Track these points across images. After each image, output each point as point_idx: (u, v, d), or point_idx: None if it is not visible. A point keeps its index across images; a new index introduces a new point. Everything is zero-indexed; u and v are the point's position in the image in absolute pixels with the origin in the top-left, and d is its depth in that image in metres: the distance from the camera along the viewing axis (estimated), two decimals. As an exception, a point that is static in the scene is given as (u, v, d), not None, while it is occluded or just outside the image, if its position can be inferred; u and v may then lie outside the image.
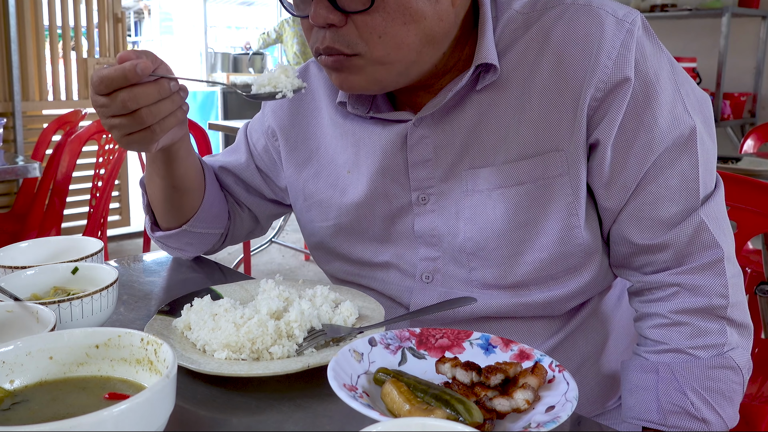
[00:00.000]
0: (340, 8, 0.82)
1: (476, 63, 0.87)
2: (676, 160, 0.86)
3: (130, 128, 0.82)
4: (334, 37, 0.84)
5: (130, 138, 0.84)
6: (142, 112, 0.81)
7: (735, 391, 0.87)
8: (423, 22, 0.83)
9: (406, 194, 0.95)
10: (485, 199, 0.90)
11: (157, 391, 0.52)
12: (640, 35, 0.85)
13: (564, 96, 0.86)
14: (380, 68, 0.86)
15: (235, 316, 0.82)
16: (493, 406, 0.63)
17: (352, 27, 0.83)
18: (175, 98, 0.83)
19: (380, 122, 0.96)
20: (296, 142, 1.06)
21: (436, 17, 0.84)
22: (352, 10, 0.82)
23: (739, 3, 4.79)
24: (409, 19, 0.82)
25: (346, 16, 0.83)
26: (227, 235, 1.19)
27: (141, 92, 0.80)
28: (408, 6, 0.82)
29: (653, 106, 0.84)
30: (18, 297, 0.80)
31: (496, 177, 0.89)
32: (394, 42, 0.83)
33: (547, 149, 0.87)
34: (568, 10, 0.87)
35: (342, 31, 0.84)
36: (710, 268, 0.87)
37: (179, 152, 0.98)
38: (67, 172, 2.73)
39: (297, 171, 1.06)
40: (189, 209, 1.06)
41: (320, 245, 1.06)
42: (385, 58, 0.85)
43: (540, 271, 0.91)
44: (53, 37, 4.19)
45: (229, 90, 6.84)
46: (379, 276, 1.01)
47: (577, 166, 0.87)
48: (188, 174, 1.02)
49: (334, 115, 1.02)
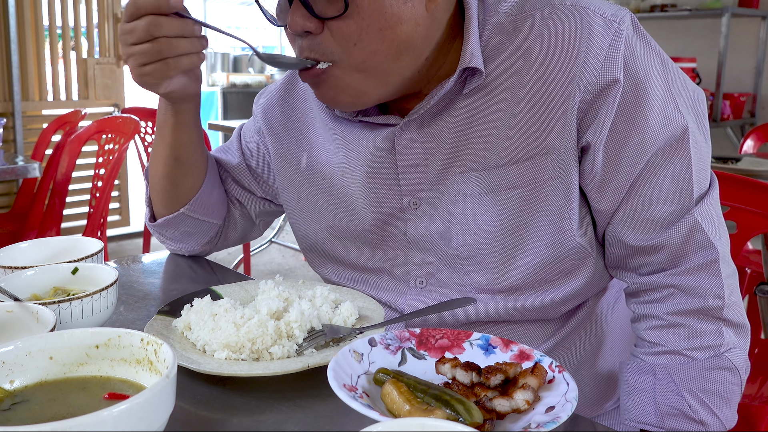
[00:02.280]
0: (316, 15, 0.82)
1: (461, 67, 0.86)
2: (668, 160, 0.85)
3: (147, 58, 0.86)
4: (311, 44, 0.85)
5: (144, 69, 0.87)
6: (162, 41, 0.85)
7: (732, 392, 0.87)
8: (399, 28, 0.83)
9: (398, 199, 0.95)
10: (477, 204, 0.89)
11: (157, 392, 0.52)
12: (629, 34, 0.84)
13: (553, 99, 0.85)
14: (358, 77, 0.86)
15: (235, 317, 0.82)
16: (493, 406, 0.63)
17: (328, 34, 0.83)
18: (195, 42, 0.87)
19: (369, 126, 0.96)
20: (289, 145, 1.06)
21: (412, 22, 0.83)
22: (327, 16, 0.82)
23: (739, 3, 4.78)
24: (385, 25, 0.82)
25: (323, 24, 0.83)
26: (221, 234, 1.19)
27: (166, 22, 0.84)
28: (383, 11, 0.81)
29: (644, 106, 0.83)
30: (18, 297, 0.80)
31: (487, 181, 0.88)
32: (371, 48, 0.83)
33: (538, 153, 0.86)
34: (555, 11, 0.86)
35: (318, 39, 0.84)
36: (705, 269, 0.86)
37: (186, 115, 1.00)
38: (66, 172, 2.73)
39: (290, 173, 1.05)
40: (189, 189, 1.07)
41: (313, 248, 1.06)
42: (362, 65, 0.84)
43: (534, 275, 0.90)
44: (53, 37, 4.19)
45: (246, 53, 7.02)
46: (373, 281, 1.01)
47: (569, 170, 0.86)
48: (191, 146, 1.03)
49: (325, 118, 1.02)
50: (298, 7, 0.83)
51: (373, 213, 0.96)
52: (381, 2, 0.81)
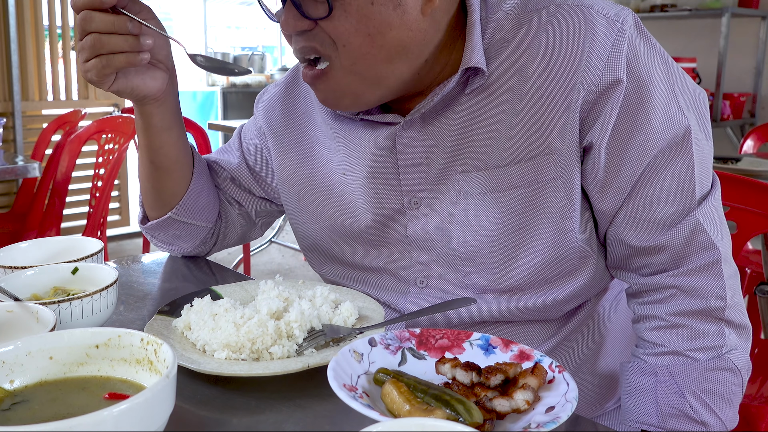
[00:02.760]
0: (306, 15, 0.82)
1: (463, 67, 0.86)
2: (670, 161, 0.85)
3: (85, 53, 0.86)
4: (308, 37, 0.85)
5: (85, 65, 0.86)
6: (94, 37, 0.84)
7: (734, 393, 0.87)
8: (389, 33, 0.82)
9: (398, 198, 0.95)
10: (478, 204, 0.89)
11: (157, 391, 0.52)
12: (632, 35, 0.84)
13: (556, 98, 0.85)
14: (352, 79, 0.86)
15: (235, 316, 0.82)
16: (493, 406, 0.63)
17: (321, 30, 0.84)
18: (131, 40, 0.85)
19: (370, 124, 0.96)
20: (289, 144, 1.06)
21: (404, 27, 0.83)
22: (315, 17, 0.82)
23: (739, 3, 4.79)
24: (374, 30, 0.82)
25: (315, 23, 0.83)
26: (219, 235, 1.18)
27: (97, 17, 0.83)
28: (371, 17, 0.81)
29: (647, 107, 0.83)
30: (18, 297, 0.80)
31: (489, 181, 0.88)
32: (359, 52, 0.83)
33: (540, 152, 0.86)
34: (558, 10, 0.86)
35: (314, 32, 0.84)
36: (707, 269, 0.86)
37: (154, 118, 0.98)
38: (66, 172, 2.73)
39: (290, 172, 1.05)
40: (172, 194, 1.07)
41: (314, 247, 1.06)
42: (353, 68, 0.85)
43: (535, 275, 0.90)
44: (53, 37, 4.19)
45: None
46: (373, 280, 1.01)
47: (571, 170, 0.86)
48: (166, 149, 1.02)
49: (326, 117, 1.02)
50: (290, 7, 0.83)
51: (373, 212, 0.96)
52: (369, 8, 0.81)
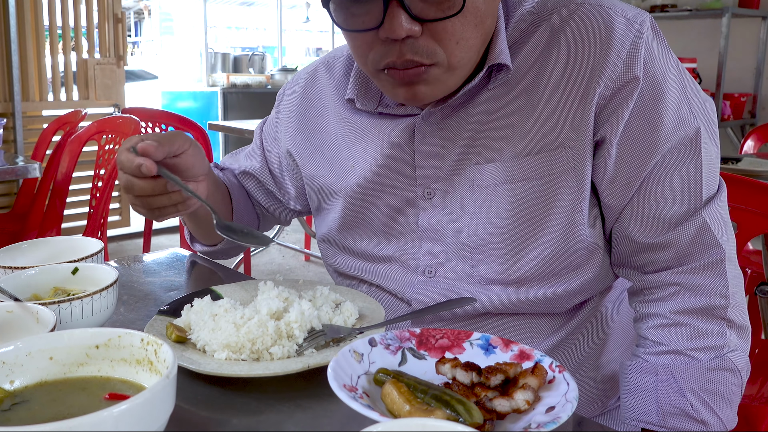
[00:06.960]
0: (418, 18, 0.79)
1: (489, 63, 0.87)
2: (680, 161, 0.86)
3: (138, 208, 0.92)
4: (412, 48, 0.81)
5: (137, 209, 0.92)
6: (141, 198, 0.89)
7: (734, 393, 0.87)
8: (486, 22, 0.84)
9: (412, 188, 0.96)
10: (490, 195, 0.90)
11: (157, 392, 0.52)
12: (649, 36, 0.86)
13: (572, 93, 0.86)
14: (451, 75, 0.85)
15: (235, 317, 0.82)
16: (493, 406, 0.63)
17: (428, 36, 0.81)
18: (174, 196, 0.89)
19: (388, 117, 0.97)
20: (303, 141, 1.07)
21: (491, 17, 0.85)
22: (435, 17, 0.79)
23: (739, 3, 4.79)
24: (479, 21, 0.83)
25: (422, 25, 0.81)
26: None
27: (137, 184, 0.87)
28: (478, 8, 0.82)
29: (659, 106, 0.85)
30: (18, 297, 0.80)
31: (502, 172, 0.89)
32: (468, 45, 0.83)
33: (554, 146, 0.87)
34: (578, 9, 0.88)
35: (420, 42, 0.81)
36: (711, 268, 0.87)
37: (198, 212, 1.05)
38: (67, 173, 2.73)
39: (310, 168, 1.06)
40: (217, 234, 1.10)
41: (326, 238, 1.07)
42: (459, 63, 0.84)
43: (542, 267, 0.91)
44: (53, 37, 4.19)
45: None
46: (382, 271, 1.01)
47: (583, 163, 0.87)
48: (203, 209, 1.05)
49: (343, 112, 1.02)
50: (399, 11, 0.78)
51: (386, 202, 0.97)
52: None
